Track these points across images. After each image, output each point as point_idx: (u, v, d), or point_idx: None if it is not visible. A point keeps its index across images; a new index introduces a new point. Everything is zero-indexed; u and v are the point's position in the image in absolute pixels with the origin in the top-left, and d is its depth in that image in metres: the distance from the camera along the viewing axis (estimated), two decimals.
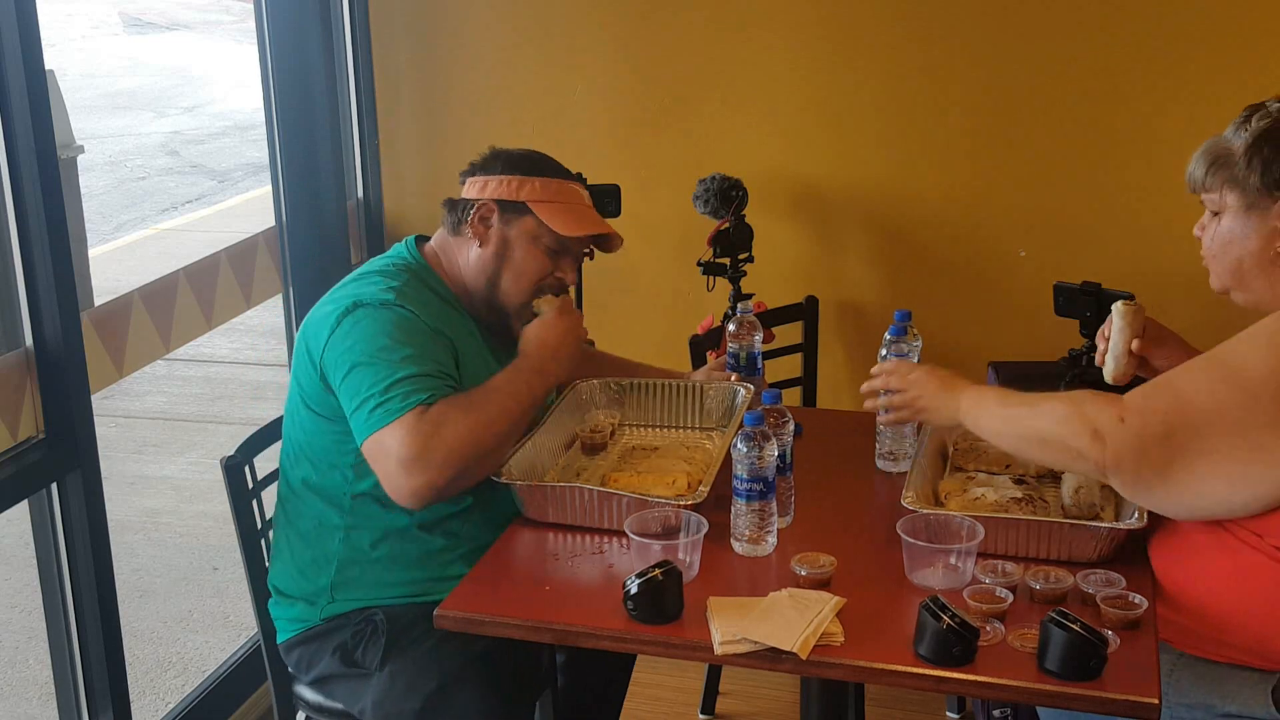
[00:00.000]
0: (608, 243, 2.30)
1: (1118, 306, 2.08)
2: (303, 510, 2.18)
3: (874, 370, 2.10)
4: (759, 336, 2.42)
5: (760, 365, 2.43)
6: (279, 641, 2.24)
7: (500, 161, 2.23)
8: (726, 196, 3.10)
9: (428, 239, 2.28)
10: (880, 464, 2.26)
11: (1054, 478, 2.11)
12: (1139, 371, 2.09)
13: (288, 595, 2.21)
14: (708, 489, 2.01)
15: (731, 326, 2.42)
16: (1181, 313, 3.11)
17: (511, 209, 2.19)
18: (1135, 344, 2.05)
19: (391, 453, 1.95)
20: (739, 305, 2.46)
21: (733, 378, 2.41)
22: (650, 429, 2.42)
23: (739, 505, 1.93)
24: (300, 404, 2.15)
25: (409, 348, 2.03)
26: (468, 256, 2.22)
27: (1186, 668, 1.85)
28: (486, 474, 2.03)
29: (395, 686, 2.05)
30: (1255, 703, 1.79)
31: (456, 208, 2.23)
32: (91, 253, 7.38)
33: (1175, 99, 3.07)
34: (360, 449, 2.01)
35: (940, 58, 3.19)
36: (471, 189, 2.22)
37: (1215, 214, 1.89)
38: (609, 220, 3.09)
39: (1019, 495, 2.00)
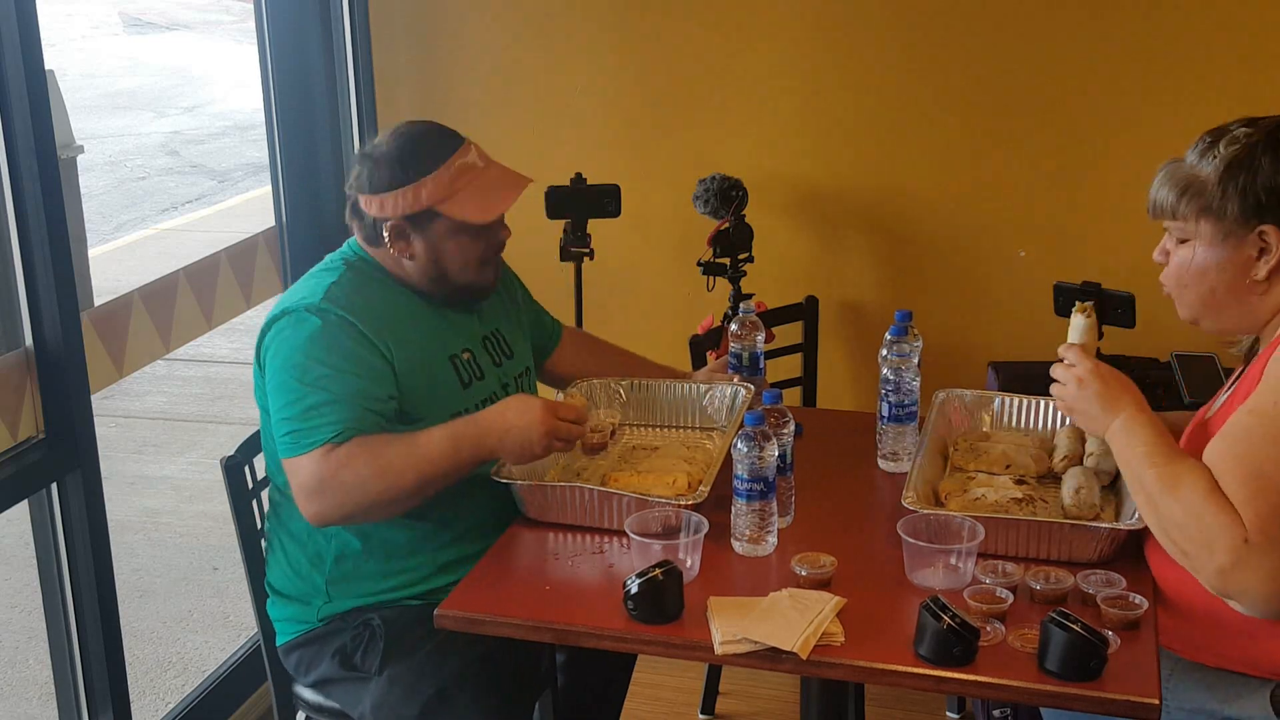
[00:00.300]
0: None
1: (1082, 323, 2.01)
2: (293, 511, 2.17)
3: (1060, 351, 1.97)
4: (761, 336, 2.42)
5: (762, 365, 2.43)
6: (279, 643, 2.24)
7: (385, 170, 2.09)
8: (726, 196, 3.10)
9: None
10: (881, 464, 2.26)
11: (1054, 478, 2.11)
12: None
13: (284, 595, 2.21)
14: (708, 489, 2.01)
15: (734, 326, 2.42)
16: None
17: (421, 218, 2.10)
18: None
19: (297, 479, 1.99)
20: (741, 305, 2.46)
21: (735, 378, 2.41)
22: (650, 429, 2.41)
23: (739, 505, 1.93)
24: (264, 410, 2.15)
25: (326, 366, 2.01)
26: (402, 266, 2.16)
27: (1184, 673, 1.85)
28: (389, 517, 2.05)
29: (394, 691, 2.05)
30: (1254, 707, 1.79)
31: (365, 223, 2.14)
32: (91, 253, 7.38)
33: (1175, 98, 3.07)
34: None
35: (940, 58, 3.19)
36: (370, 206, 2.11)
37: (1182, 241, 1.86)
38: (609, 220, 3.11)
39: (1019, 496, 2.00)
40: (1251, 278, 1.81)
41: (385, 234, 2.11)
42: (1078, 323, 2.03)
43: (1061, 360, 1.95)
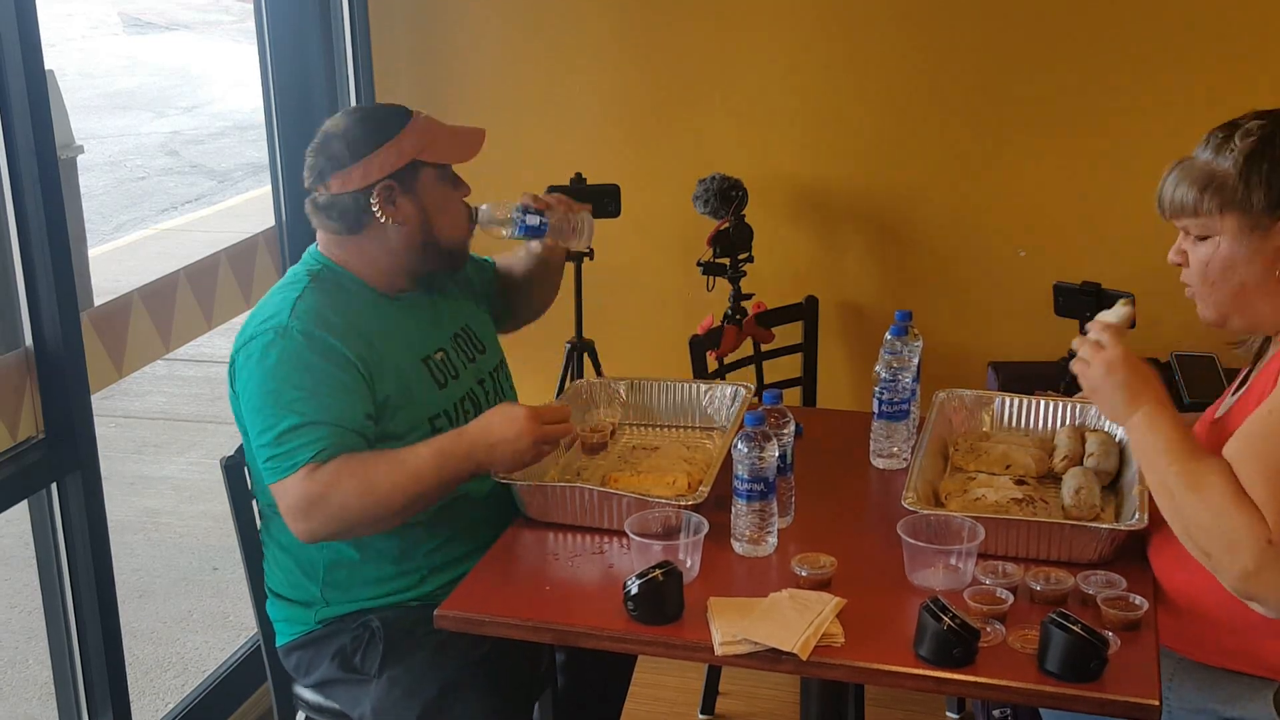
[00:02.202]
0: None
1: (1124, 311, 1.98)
2: (281, 525, 2.16)
3: (1091, 326, 1.92)
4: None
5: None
6: (279, 644, 2.24)
7: (359, 138, 2.08)
8: (726, 196, 3.10)
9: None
10: (875, 461, 2.26)
11: (1054, 478, 2.11)
12: None
13: (283, 598, 2.21)
14: (708, 489, 2.01)
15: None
16: (1180, 313, 3.11)
17: (406, 173, 2.10)
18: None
19: (284, 503, 1.99)
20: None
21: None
22: (650, 429, 2.41)
23: (739, 505, 1.93)
24: (243, 431, 2.14)
25: (298, 389, 1.99)
26: (387, 242, 2.13)
27: (1187, 673, 1.85)
28: (380, 532, 2.05)
29: (394, 693, 2.05)
30: (1257, 708, 1.79)
31: (345, 207, 2.10)
32: (91, 253, 7.38)
33: (1174, 97, 3.07)
34: None
35: (940, 58, 3.19)
36: (350, 180, 2.08)
37: (1201, 239, 1.83)
38: (609, 220, 3.10)
39: (1019, 496, 2.00)
40: None
41: (374, 200, 2.09)
42: (1119, 310, 1.96)
43: (1091, 337, 1.89)
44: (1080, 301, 2.75)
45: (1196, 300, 1.90)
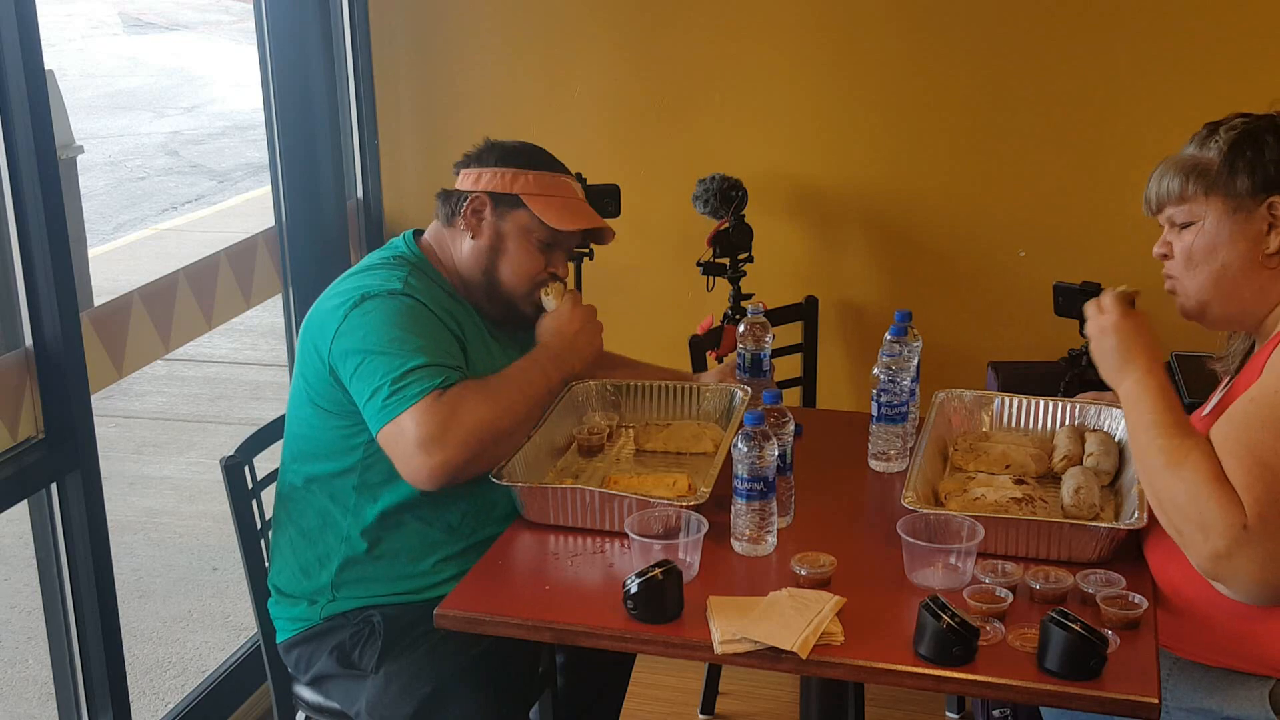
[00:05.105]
0: (600, 236, 2.31)
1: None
2: (307, 508, 2.18)
3: (1104, 296, 1.95)
4: (769, 337, 2.42)
5: (767, 366, 2.43)
6: (279, 641, 2.24)
7: (495, 154, 2.23)
8: (726, 196, 3.10)
9: (424, 232, 2.30)
10: (872, 464, 2.26)
11: (1054, 478, 2.11)
12: None
13: (288, 595, 2.21)
14: (709, 490, 2.01)
15: (741, 328, 2.42)
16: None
17: (505, 201, 2.20)
18: None
19: (409, 435, 1.97)
20: (749, 307, 2.45)
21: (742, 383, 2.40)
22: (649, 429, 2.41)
23: (739, 505, 1.93)
24: (306, 401, 2.15)
25: (420, 338, 2.05)
26: (461, 249, 2.22)
27: (1183, 672, 1.85)
28: (501, 458, 2.05)
29: (390, 689, 2.05)
30: (1254, 707, 1.79)
31: (450, 199, 2.24)
32: (91, 253, 7.38)
33: (1174, 97, 3.07)
34: (376, 438, 2.03)
35: (940, 58, 3.20)
36: (466, 180, 2.23)
37: (1184, 226, 1.86)
38: (608, 220, 3.10)
39: (1019, 495, 2.00)
40: (1263, 252, 1.82)
41: (464, 206, 2.19)
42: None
43: (1099, 299, 1.95)
44: (1080, 301, 2.73)
45: (1177, 292, 1.92)
